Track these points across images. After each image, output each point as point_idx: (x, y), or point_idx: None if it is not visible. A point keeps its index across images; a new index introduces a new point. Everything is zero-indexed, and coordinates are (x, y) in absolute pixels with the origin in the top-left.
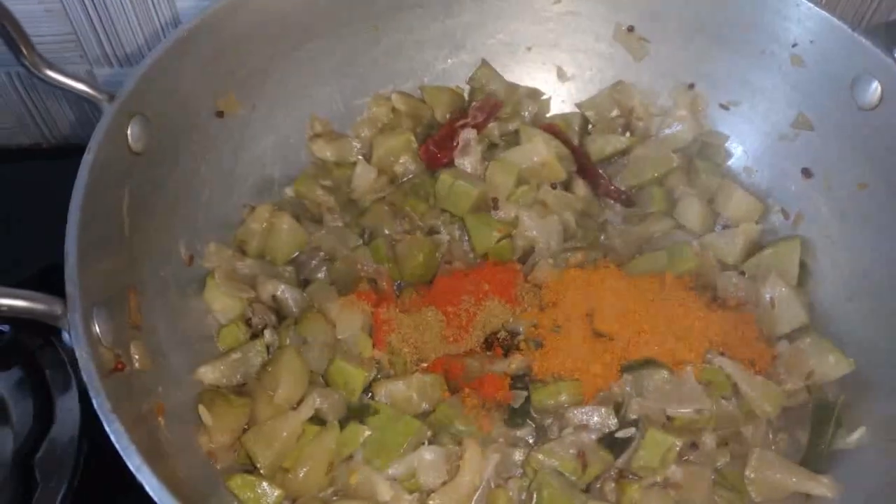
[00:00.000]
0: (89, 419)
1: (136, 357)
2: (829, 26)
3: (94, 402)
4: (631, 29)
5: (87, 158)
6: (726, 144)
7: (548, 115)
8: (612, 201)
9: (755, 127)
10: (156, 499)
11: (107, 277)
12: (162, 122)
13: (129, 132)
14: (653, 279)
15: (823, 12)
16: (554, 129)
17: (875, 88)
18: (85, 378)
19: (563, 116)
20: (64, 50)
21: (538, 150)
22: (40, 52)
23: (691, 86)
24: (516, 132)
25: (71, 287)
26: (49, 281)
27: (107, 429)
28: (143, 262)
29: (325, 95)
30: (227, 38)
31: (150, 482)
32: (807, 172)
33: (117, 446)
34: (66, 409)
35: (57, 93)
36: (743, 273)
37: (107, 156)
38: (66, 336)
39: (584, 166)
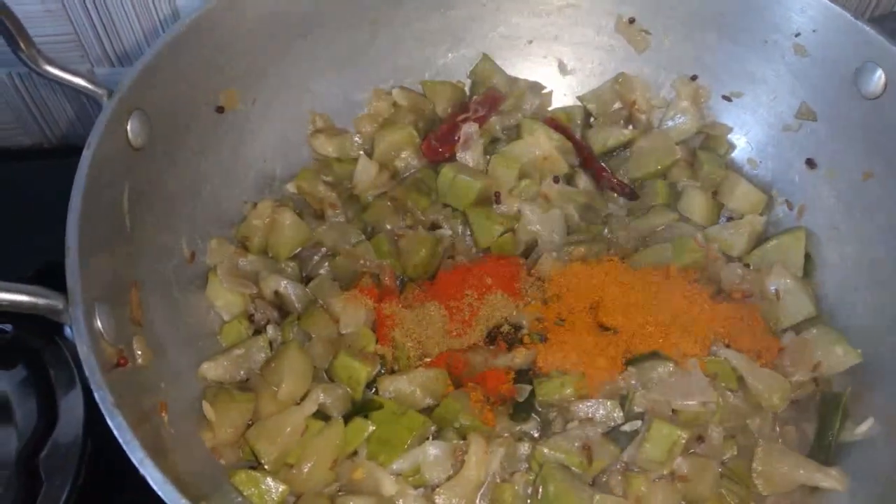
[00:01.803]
0: (93, 418)
1: (139, 353)
2: (833, 15)
3: (96, 396)
4: (632, 21)
5: (87, 153)
6: (729, 136)
7: (549, 109)
8: (615, 194)
9: (758, 118)
10: (159, 492)
11: (108, 273)
12: (162, 117)
13: (128, 127)
14: (657, 272)
15: (826, 0)
16: (556, 123)
17: (879, 77)
18: (87, 373)
19: (565, 110)
20: (65, 50)
21: (540, 144)
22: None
23: (694, 77)
24: (518, 126)
25: (72, 281)
26: (52, 279)
27: (109, 423)
28: (144, 257)
29: (326, 90)
30: (226, 32)
31: (153, 476)
32: (811, 163)
33: (120, 440)
34: (70, 407)
35: (58, 92)
36: (748, 265)
37: (106, 151)
38: (68, 331)
39: (586, 159)
